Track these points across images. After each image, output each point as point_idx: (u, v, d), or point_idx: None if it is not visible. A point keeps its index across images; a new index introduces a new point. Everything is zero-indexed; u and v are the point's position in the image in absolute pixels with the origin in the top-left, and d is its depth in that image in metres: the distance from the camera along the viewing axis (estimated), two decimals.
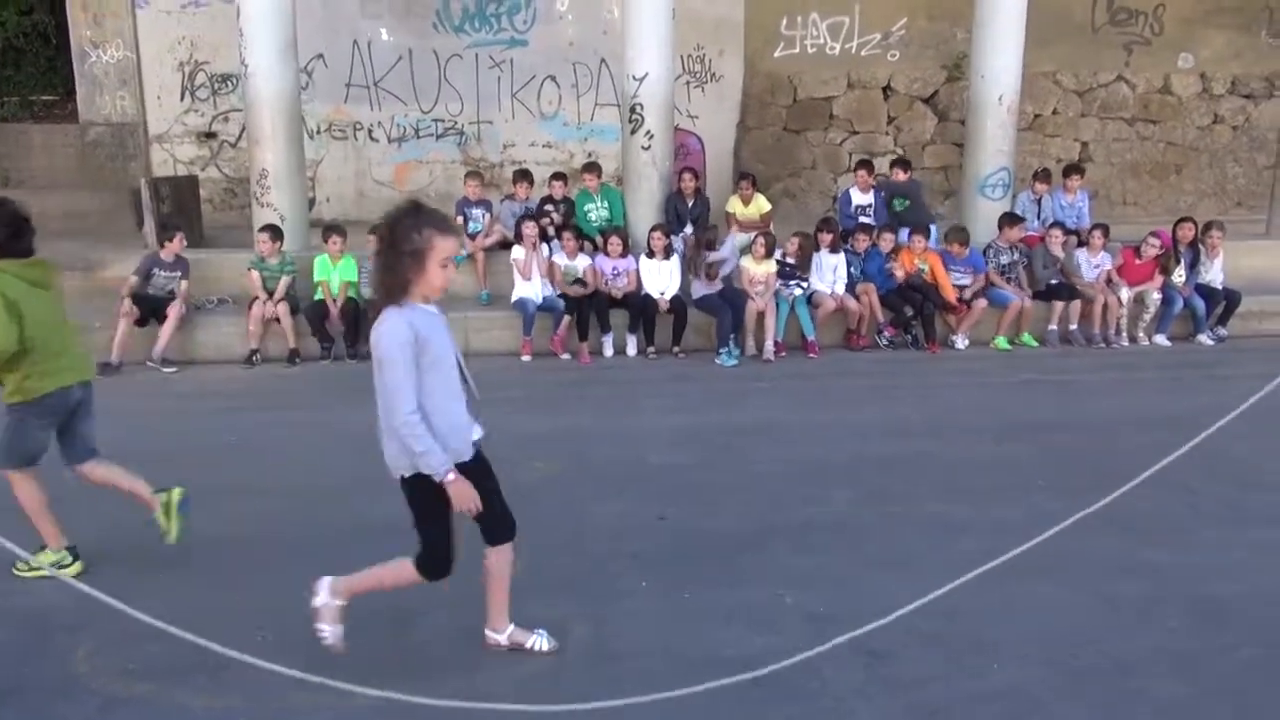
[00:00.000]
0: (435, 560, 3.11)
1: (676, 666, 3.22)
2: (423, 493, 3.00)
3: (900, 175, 10.00)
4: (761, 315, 8.52)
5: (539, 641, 3.36)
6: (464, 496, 2.97)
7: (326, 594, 3.24)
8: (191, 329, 8.39)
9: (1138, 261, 9.20)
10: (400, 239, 2.87)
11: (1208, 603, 3.70)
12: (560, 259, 8.68)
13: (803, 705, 3.00)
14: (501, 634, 3.35)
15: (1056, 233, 9.21)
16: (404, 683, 3.13)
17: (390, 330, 2.86)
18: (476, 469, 3.08)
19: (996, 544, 4.22)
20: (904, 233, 9.35)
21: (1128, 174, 13.66)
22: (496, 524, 3.19)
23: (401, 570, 3.18)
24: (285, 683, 3.16)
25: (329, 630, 3.21)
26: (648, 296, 8.54)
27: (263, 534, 4.45)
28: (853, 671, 3.19)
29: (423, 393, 2.91)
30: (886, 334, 8.88)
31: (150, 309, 8.11)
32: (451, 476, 2.94)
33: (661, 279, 8.63)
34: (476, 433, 3.14)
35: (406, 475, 3.01)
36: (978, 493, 4.95)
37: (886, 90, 13.06)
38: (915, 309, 8.83)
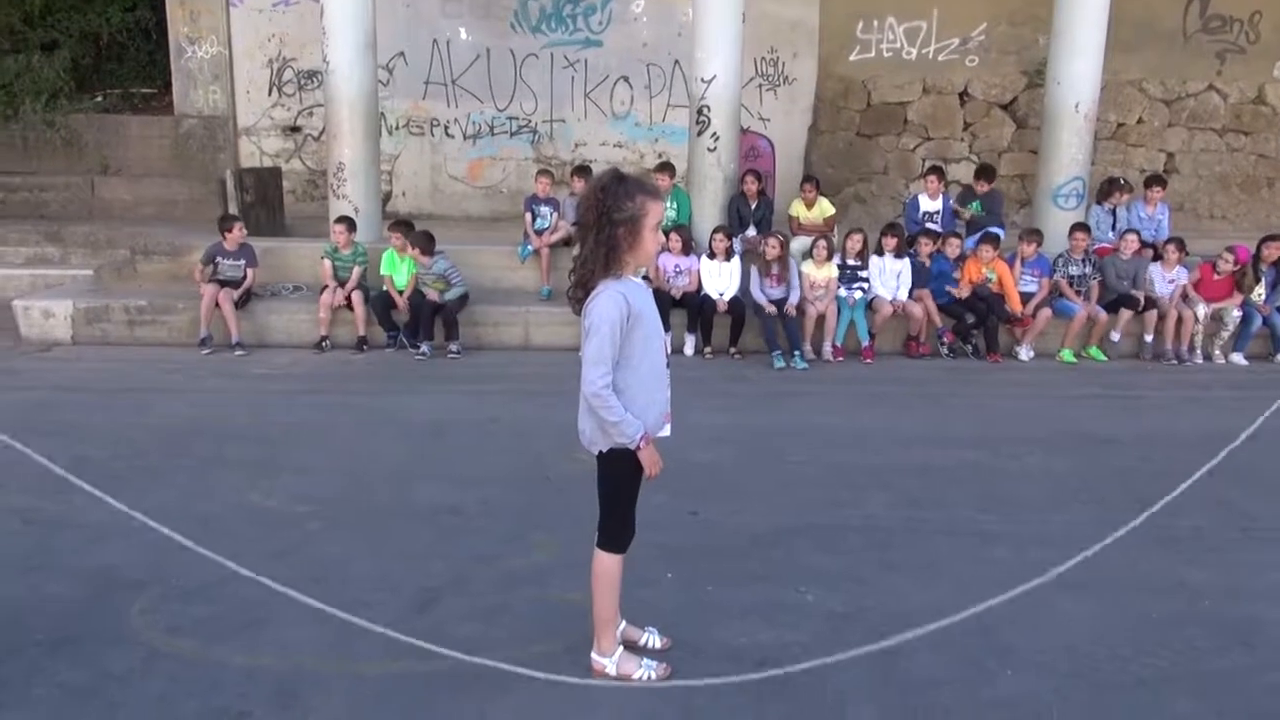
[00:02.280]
0: (625, 532, 3.12)
1: (688, 654, 3.29)
2: (619, 468, 3.01)
3: (983, 186, 9.87)
4: (821, 318, 8.51)
5: (651, 638, 3.36)
6: (653, 460, 2.97)
7: (610, 662, 3.17)
8: (266, 314, 8.75)
9: (1216, 277, 8.91)
10: (613, 208, 2.80)
11: (1240, 624, 3.62)
12: None
13: (804, 702, 3.05)
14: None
15: (1131, 238, 8.97)
16: (418, 657, 3.30)
17: (605, 302, 2.82)
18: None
19: (1027, 556, 4.25)
20: (970, 241, 9.22)
21: (1216, 187, 13.19)
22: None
23: (606, 569, 3.13)
24: (314, 646, 3.35)
25: (649, 671, 3.15)
26: (706, 297, 8.60)
27: (316, 511, 4.64)
28: (863, 670, 3.22)
29: (629, 368, 2.91)
30: (946, 341, 8.79)
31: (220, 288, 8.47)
32: (644, 442, 2.93)
33: (721, 280, 8.69)
34: (665, 430, 3.11)
35: (604, 451, 3.02)
36: (1015, 504, 4.90)
37: (963, 96, 12.86)
38: (979, 318, 8.71)
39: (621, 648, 3.21)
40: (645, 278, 8.61)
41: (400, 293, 8.59)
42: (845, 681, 3.15)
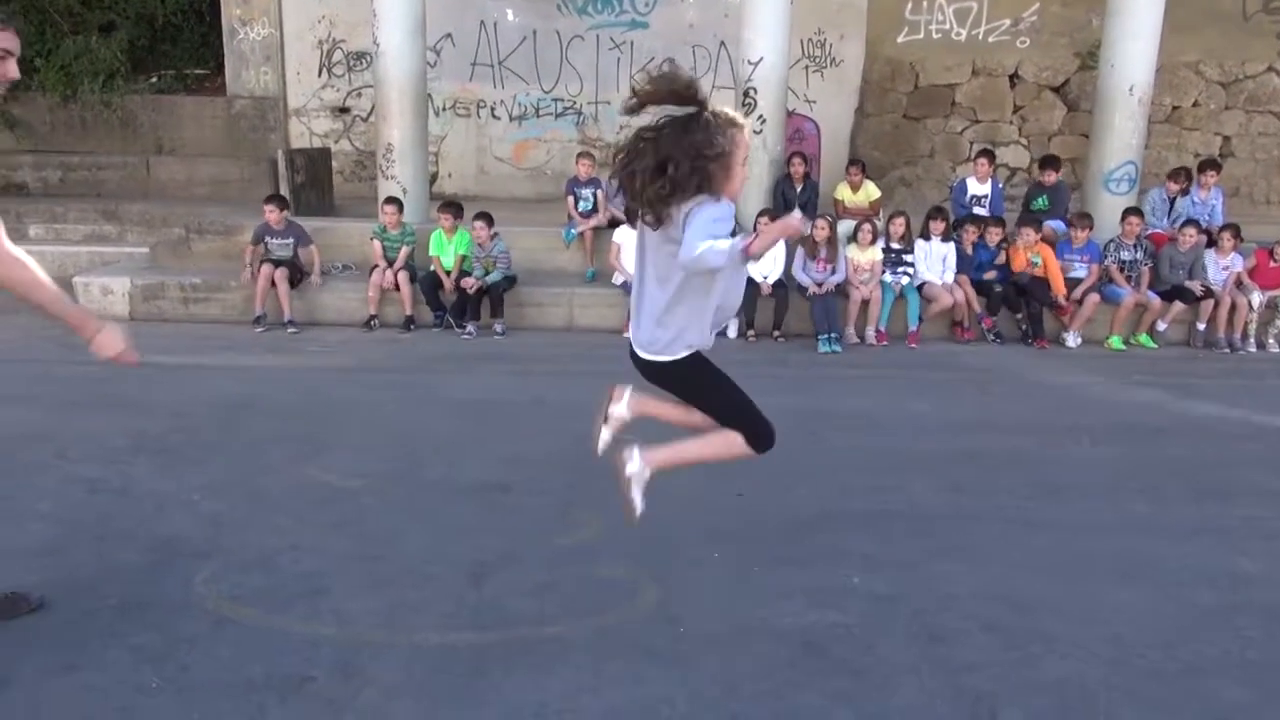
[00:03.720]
0: (761, 426, 3.18)
1: (735, 633, 3.35)
2: (698, 369, 3.07)
3: (1050, 177, 9.74)
4: (865, 302, 8.49)
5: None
6: (778, 230, 2.79)
7: (639, 463, 3.27)
8: (317, 292, 8.92)
9: (1272, 264, 8.75)
10: (704, 144, 2.74)
11: None
12: (619, 237, 8.85)
13: (852, 679, 3.09)
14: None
15: (1190, 231, 8.80)
16: (474, 629, 3.40)
17: (719, 206, 2.82)
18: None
19: (1073, 542, 4.24)
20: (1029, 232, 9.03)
21: (1274, 171, 12.89)
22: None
23: (731, 443, 3.18)
24: (373, 617, 3.46)
25: (638, 500, 3.26)
26: (750, 279, 8.61)
27: (369, 486, 4.76)
28: (908, 651, 3.26)
29: (707, 293, 2.97)
30: (985, 325, 8.72)
31: (273, 266, 8.62)
32: (746, 241, 2.76)
33: (765, 263, 8.69)
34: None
35: (680, 357, 3.06)
36: (1062, 491, 4.89)
37: (1013, 78, 12.67)
38: (1025, 304, 8.64)
39: (651, 472, 3.33)
40: None
41: (447, 273, 8.70)
42: (893, 663, 3.19)
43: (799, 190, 9.59)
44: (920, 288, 8.68)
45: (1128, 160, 9.60)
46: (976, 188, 9.90)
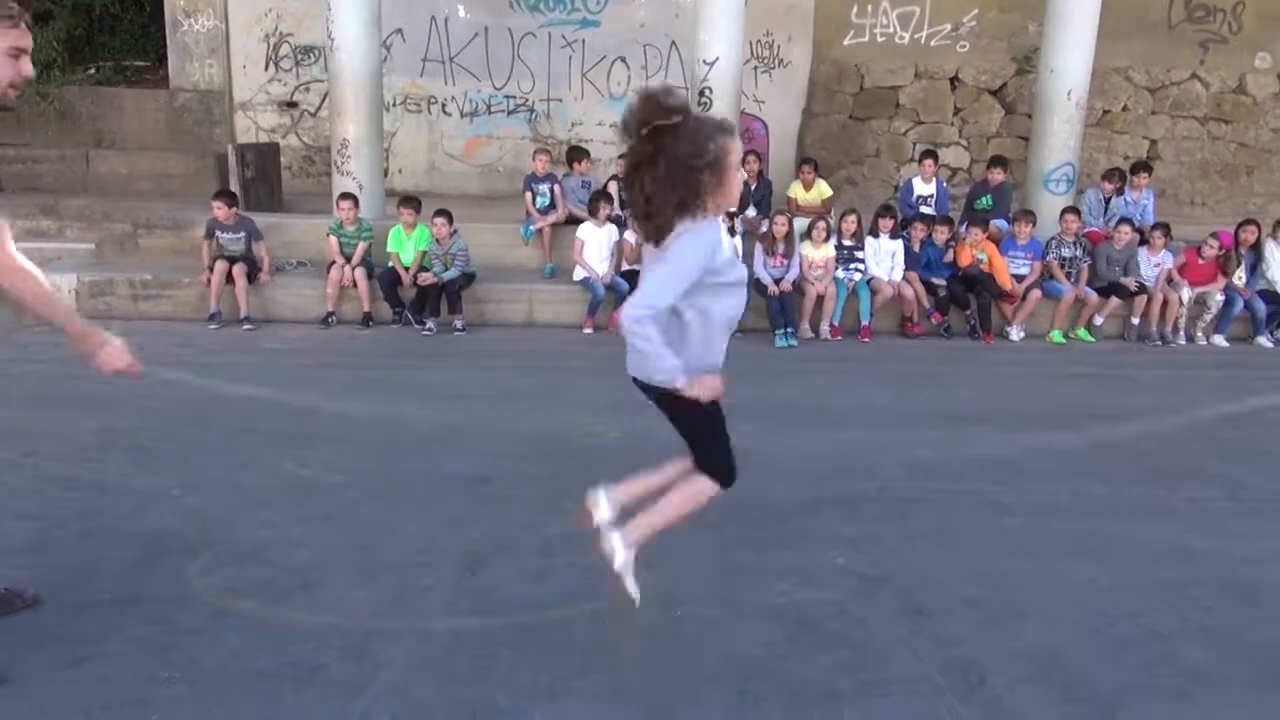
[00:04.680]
0: (733, 462, 2.98)
1: (732, 613, 3.48)
2: (710, 440, 2.90)
3: (997, 175, 10.06)
4: (820, 298, 8.72)
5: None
6: (708, 386, 2.77)
7: (624, 552, 3.03)
8: (272, 289, 8.82)
9: (1200, 261, 9.20)
10: (697, 153, 2.62)
11: (1240, 585, 3.87)
12: (631, 236, 8.92)
13: (848, 652, 3.25)
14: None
15: (1125, 229, 9.22)
16: (478, 615, 3.47)
17: (704, 234, 2.67)
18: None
19: (1038, 523, 4.48)
20: (963, 227, 9.44)
21: (1197, 174, 13.52)
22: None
23: (700, 492, 2.99)
24: (375, 606, 3.51)
25: (633, 588, 3.07)
26: None
27: (352, 480, 4.78)
28: (897, 626, 3.43)
29: (712, 312, 2.78)
30: (935, 321, 9.02)
31: (225, 262, 8.49)
32: (682, 381, 2.73)
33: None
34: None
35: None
36: (1022, 475, 5.13)
37: (954, 81, 13.07)
38: (973, 299, 8.96)
39: (635, 551, 3.04)
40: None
41: (406, 269, 8.68)
42: (884, 636, 3.36)
43: (753, 188, 9.78)
44: (869, 283, 8.94)
45: (1066, 161, 10.00)
46: (922, 187, 10.22)
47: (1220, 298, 9.06)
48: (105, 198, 11.23)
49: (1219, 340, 9.13)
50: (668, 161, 2.64)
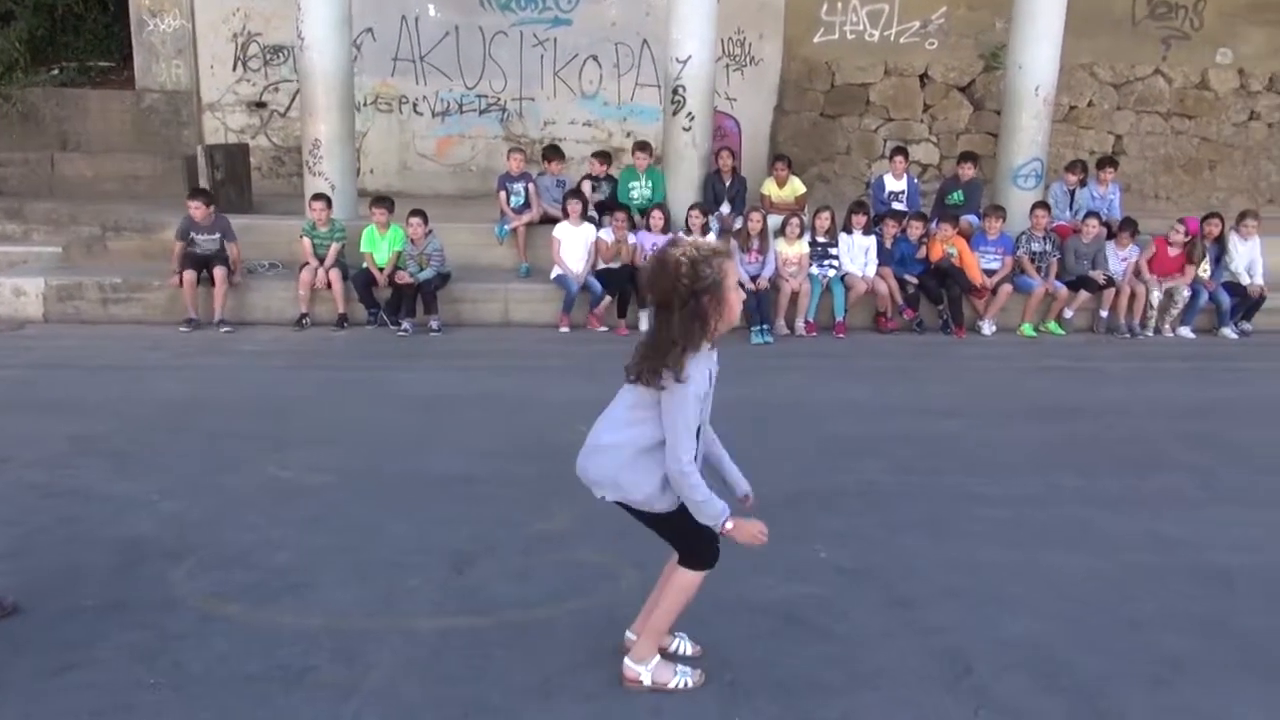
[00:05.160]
0: (713, 552, 2.99)
1: (719, 609, 3.50)
2: (686, 523, 2.87)
3: (968, 171, 10.16)
4: (795, 295, 8.77)
5: (683, 644, 3.20)
6: (749, 534, 2.84)
7: (646, 670, 3.02)
8: (244, 291, 8.74)
9: (1170, 251, 9.32)
10: (693, 280, 2.67)
11: (1214, 572, 3.95)
12: (607, 235, 8.93)
13: (834, 644, 3.29)
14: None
15: (1092, 223, 9.35)
16: (466, 614, 3.48)
17: (694, 381, 2.72)
18: None
19: (1015, 514, 4.55)
20: (934, 222, 9.52)
21: (1160, 168, 13.72)
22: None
23: (688, 586, 2.99)
24: (363, 607, 3.51)
25: (685, 679, 3.03)
26: None
27: (335, 482, 4.76)
28: (881, 617, 3.48)
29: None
30: (907, 317, 9.10)
31: (197, 263, 8.41)
32: (730, 525, 2.80)
33: None
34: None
35: (675, 508, 2.86)
36: (998, 467, 5.21)
37: (923, 78, 13.19)
38: (935, 297, 9.06)
39: (658, 655, 3.06)
40: (627, 264, 8.79)
41: (381, 270, 8.63)
42: (870, 628, 3.40)
43: (728, 185, 9.83)
44: (843, 279, 9.01)
45: (1034, 157, 10.12)
46: (894, 184, 10.30)
47: (1187, 293, 9.21)
48: (72, 200, 11.05)
49: (1185, 332, 9.29)
50: (677, 298, 2.69)
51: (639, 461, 2.82)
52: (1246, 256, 9.48)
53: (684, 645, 3.23)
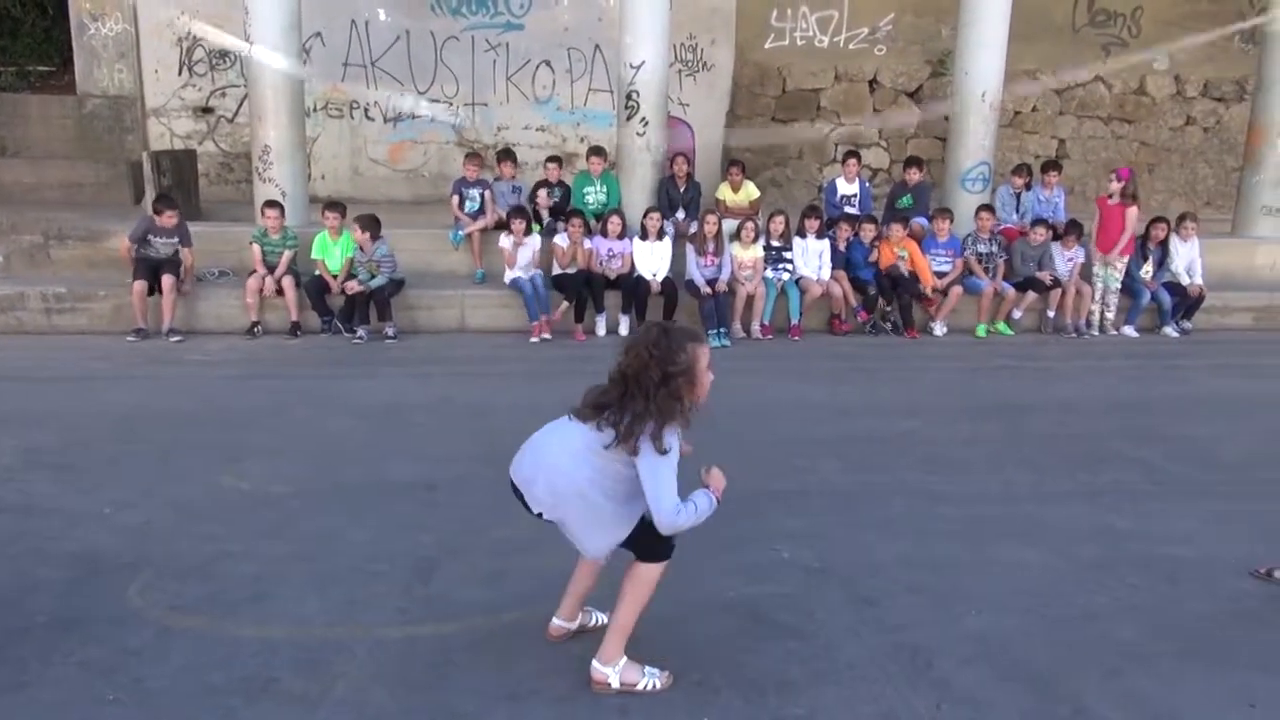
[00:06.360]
0: (669, 545, 3.03)
1: (685, 611, 3.53)
2: (647, 533, 2.97)
3: (914, 175, 10.31)
4: (750, 298, 8.85)
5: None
6: (721, 484, 3.01)
7: (614, 672, 3.04)
8: (194, 300, 8.59)
9: (1110, 202, 9.48)
10: (668, 363, 2.81)
11: (1163, 563, 4.07)
12: (562, 240, 8.92)
13: (799, 642, 3.33)
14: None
15: (1040, 230, 9.55)
16: (432, 621, 3.46)
17: (672, 449, 2.84)
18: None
19: (972, 511, 4.64)
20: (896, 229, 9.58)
21: (1102, 172, 14.01)
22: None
23: (650, 578, 3.04)
24: (326, 616, 3.47)
25: (654, 680, 3.06)
26: (640, 278, 8.83)
27: (293, 491, 4.70)
28: (844, 615, 3.53)
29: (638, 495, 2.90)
30: (860, 319, 9.23)
31: (150, 270, 8.25)
32: (717, 495, 2.97)
33: (654, 261, 8.92)
34: None
35: (634, 528, 2.97)
36: (955, 466, 5.30)
37: (872, 83, 13.39)
38: (888, 296, 9.20)
39: (625, 657, 3.06)
40: (583, 269, 8.79)
41: (334, 276, 8.54)
42: (833, 625, 3.45)
43: (682, 190, 9.88)
44: (798, 282, 9.11)
45: (982, 161, 10.32)
46: (846, 188, 10.43)
47: (1116, 284, 9.44)
48: (12, 208, 10.76)
49: (1129, 331, 9.54)
50: (650, 379, 2.83)
51: (612, 524, 2.95)
52: (1186, 257, 9.76)
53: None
